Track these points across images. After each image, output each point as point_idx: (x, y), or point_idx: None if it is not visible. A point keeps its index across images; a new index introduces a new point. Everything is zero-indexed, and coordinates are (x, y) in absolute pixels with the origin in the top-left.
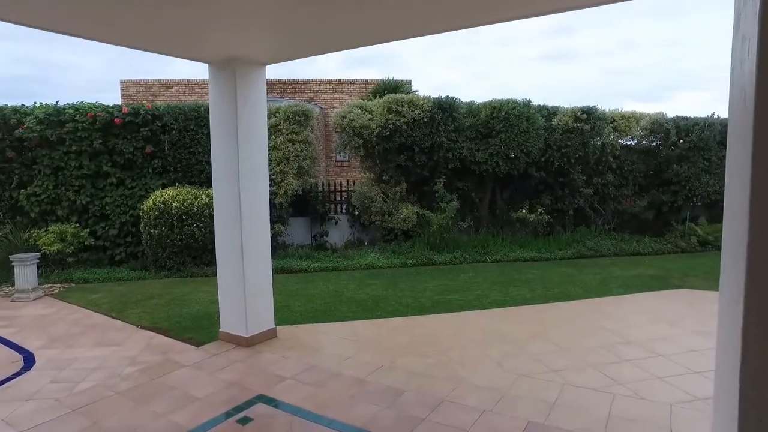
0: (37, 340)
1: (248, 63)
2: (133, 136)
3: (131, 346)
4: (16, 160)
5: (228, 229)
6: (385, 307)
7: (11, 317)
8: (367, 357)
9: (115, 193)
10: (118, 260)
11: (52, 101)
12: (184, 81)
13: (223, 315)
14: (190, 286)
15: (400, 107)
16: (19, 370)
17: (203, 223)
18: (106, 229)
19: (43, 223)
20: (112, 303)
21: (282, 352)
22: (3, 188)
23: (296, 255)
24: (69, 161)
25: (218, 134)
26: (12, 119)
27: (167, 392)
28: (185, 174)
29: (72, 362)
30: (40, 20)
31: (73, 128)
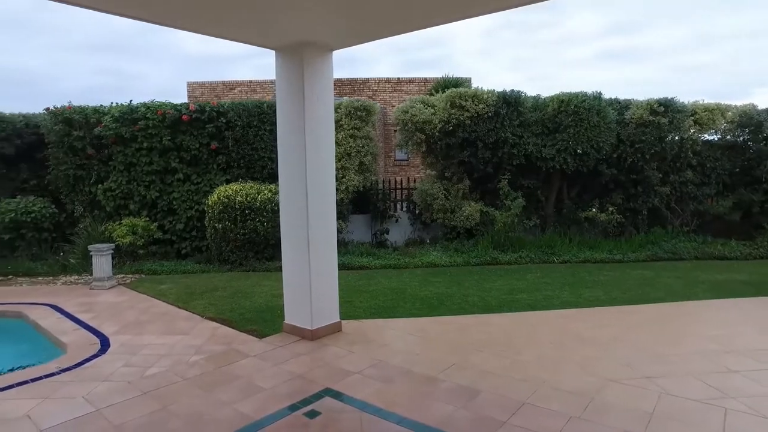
0: (111, 325)
1: (316, 48)
2: (199, 132)
3: (197, 336)
4: (94, 157)
5: (294, 221)
6: (450, 305)
7: (90, 303)
8: (436, 354)
9: (182, 189)
10: (183, 253)
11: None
12: (246, 81)
13: (287, 307)
14: (252, 279)
15: (464, 101)
16: (96, 353)
17: (265, 218)
18: (173, 224)
19: (118, 216)
20: (178, 294)
21: (348, 347)
22: (84, 184)
23: (357, 252)
24: (140, 158)
25: (285, 124)
26: (92, 118)
27: (232, 381)
28: (248, 170)
29: (142, 348)
30: (112, 5)
31: (145, 126)
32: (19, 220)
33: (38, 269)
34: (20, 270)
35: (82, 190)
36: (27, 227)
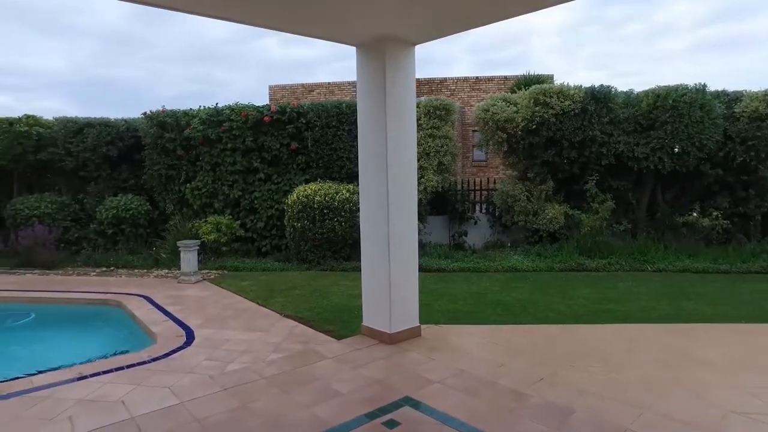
0: (196, 319)
1: (398, 43)
2: (280, 133)
3: (275, 333)
4: (184, 157)
5: (374, 221)
6: (535, 312)
7: (177, 296)
8: (522, 366)
9: (263, 188)
10: (264, 251)
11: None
12: (325, 84)
13: (366, 309)
14: (329, 279)
15: (548, 98)
16: (182, 345)
17: (343, 217)
18: (254, 222)
19: (204, 214)
20: (258, 291)
21: (428, 353)
22: (174, 183)
23: (434, 254)
24: (225, 158)
25: (366, 121)
26: (182, 121)
27: (310, 383)
28: (327, 169)
29: (224, 343)
30: (209, 8)
31: (229, 127)
32: (120, 216)
33: (134, 262)
34: (120, 262)
35: (173, 188)
36: (126, 223)
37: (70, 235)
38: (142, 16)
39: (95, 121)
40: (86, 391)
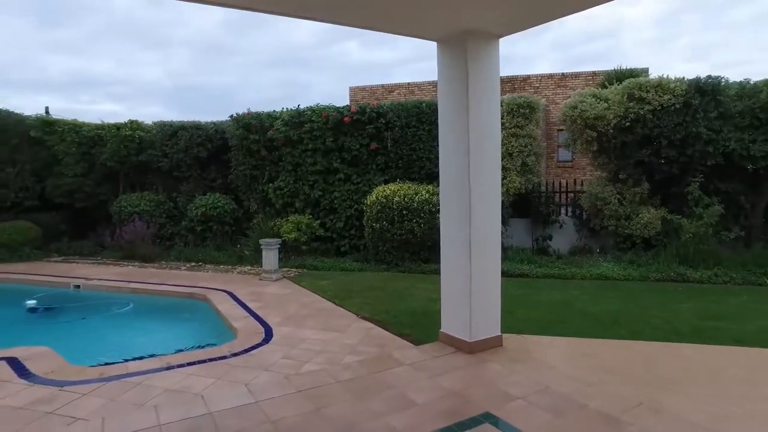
0: (275, 316)
1: (480, 36)
2: (359, 133)
3: (351, 335)
4: (267, 158)
5: (455, 222)
6: (629, 326)
7: (258, 293)
8: (616, 387)
9: (343, 188)
10: (342, 251)
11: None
12: (404, 84)
13: (444, 315)
14: (407, 281)
15: (645, 93)
16: (261, 342)
17: (422, 219)
18: (334, 222)
19: (285, 213)
20: (336, 291)
21: (510, 365)
22: (258, 182)
23: (516, 258)
24: (306, 158)
25: (447, 119)
26: (266, 122)
27: (385, 390)
28: (406, 170)
29: (301, 342)
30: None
31: (310, 128)
32: (208, 214)
33: (220, 258)
34: (207, 258)
35: (257, 188)
36: (213, 221)
37: (164, 231)
38: (233, 25)
39: (188, 124)
40: (172, 381)
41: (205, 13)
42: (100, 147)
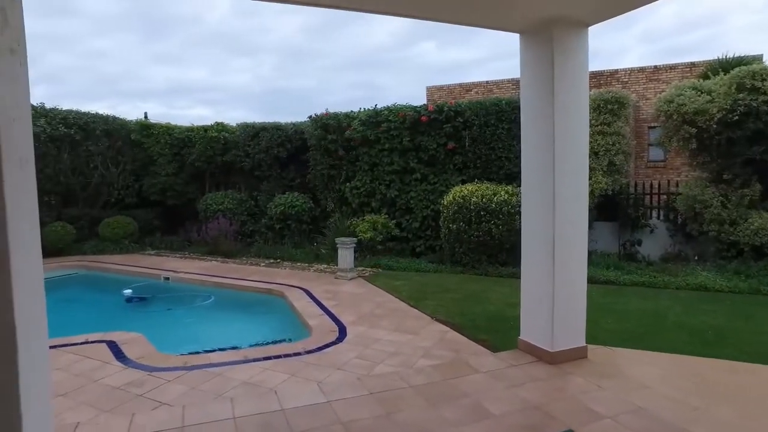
0: (349, 315)
1: (568, 25)
2: (437, 133)
3: (425, 337)
4: (344, 157)
5: (537, 225)
6: (737, 344)
7: (333, 291)
8: (726, 414)
9: (419, 188)
10: (418, 252)
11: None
12: (482, 83)
13: (524, 322)
14: (484, 284)
15: (760, 82)
16: (334, 340)
17: (501, 220)
18: (409, 222)
19: (361, 213)
20: (411, 291)
21: (596, 380)
22: (335, 182)
23: (601, 263)
24: (383, 158)
25: (530, 115)
26: (343, 122)
27: (460, 398)
28: (484, 170)
29: (374, 342)
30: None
31: (387, 128)
32: (286, 212)
33: (297, 256)
34: (285, 255)
35: (334, 187)
36: (292, 219)
37: (246, 228)
38: (314, 30)
39: (268, 125)
40: (249, 375)
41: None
42: (189, 148)
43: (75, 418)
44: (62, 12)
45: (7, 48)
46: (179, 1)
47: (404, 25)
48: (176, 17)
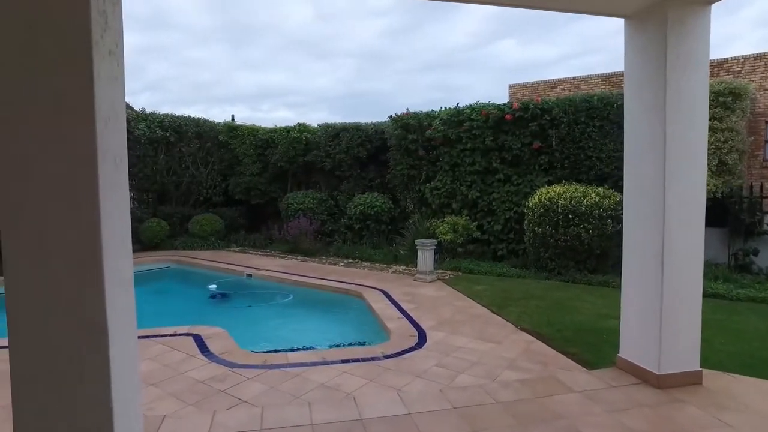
0: (428, 320)
1: (685, 3)
2: (522, 132)
3: (510, 347)
4: (424, 158)
5: (643, 231)
6: None
7: (412, 294)
8: None
9: (502, 190)
10: (499, 255)
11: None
12: (569, 79)
13: (624, 337)
14: (571, 291)
15: None
16: (414, 346)
17: (591, 224)
18: (491, 224)
19: (441, 214)
20: (493, 297)
21: (714, 411)
22: (414, 182)
23: (708, 274)
24: (464, 158)
25: (636, 111)
26: (424, 122)
27: (553, 420)
28: (572, 170)
29: (455, 350)
30: None
31: (469, 127)
32: (366, 213)
33: (376, 256)
34: (364, 255)
35: (413, 188)
36: (371, 219)
37: (325, 227)
38: (393, 32)
39: (349, 125)
40: (326, 377)
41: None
42: (273, 148)
43: (163, 409)
44: (163, 25)
45: (107, 50)
46: (265, 10)
47: (483, 23)
48: (262, 26)
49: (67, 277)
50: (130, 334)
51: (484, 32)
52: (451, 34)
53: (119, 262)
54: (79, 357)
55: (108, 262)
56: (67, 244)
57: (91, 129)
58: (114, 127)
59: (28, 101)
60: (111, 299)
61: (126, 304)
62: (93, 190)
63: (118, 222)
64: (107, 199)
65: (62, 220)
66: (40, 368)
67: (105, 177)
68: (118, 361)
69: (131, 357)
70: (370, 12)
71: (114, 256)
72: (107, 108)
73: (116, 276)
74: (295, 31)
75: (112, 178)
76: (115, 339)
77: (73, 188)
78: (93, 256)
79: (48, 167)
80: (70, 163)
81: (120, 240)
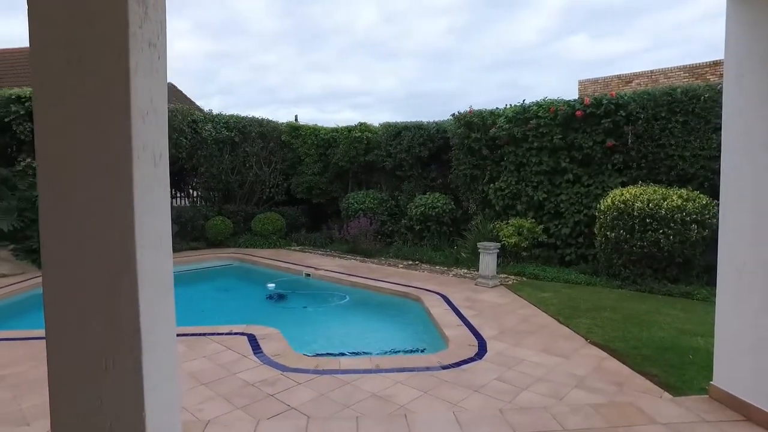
0: (490, 329)
1: None
2: (593, 129)
3: (578, 363)
4: (488, 157)
5: (745, 244)
6: None
7: (473, 300)
8: None
9: (571, 191)
10: (567, 260)
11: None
12: (646, 73)
13: (720, 363)
14: (648, 303)
15: None
16: (473, 356)
17: (672, 229)
18: (558, 227)
19: (505, 216)
20: (560, 306)
21: None
22: (477, 183)
23: None
24: (530, 157)
25: (739, 102)
26: (488, 120)
27: None
28: (650, 171)
29: (517, 363)
30: None
31: (536, 124)
32: (426, 213)
33: (436, 259)
34: (424, 257)
35: (476, 188)
36: (432, 220)
37: (385, 228)
38: (459, 31)
39: (410, 124)
40: (379, 387)
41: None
42: (334, 148)
43: (210, 412)
44: (235, 32)
45: (146, 41)
46: (332, 12)
47: (553, 18)
48: (330, 28)
49: (99, 279)
50: (167, 338)
51: (554, 28)
52: (519, 31)
53: (157, 264)
54: (113, 361)
55: (143, 264)
56: (100, 245)
57: (126, 123)
58: (153, 121)
59: (62, 94)
60: (146, 303)
61: (164, 307)
62: (127, 188)
63: (158, 221)
64: (144, 197)
65: (96, 220)
66: (74, 372)
67: (141, 174)
68: (152, 365)
69: (168, 362)
70: (435, 10)
71: (151, 257)
72: (144, 102)
73: (153, 278)
74: (361, 33)
75: (151, 175)
76: (151, 343)
77: (106, 185)
78: (126, 257)
79: (81, 164)
80: (104, 159)
81: (158, 240)
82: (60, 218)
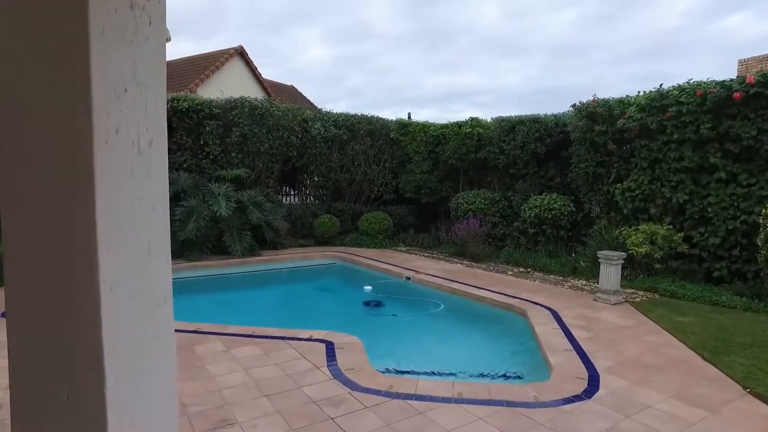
0: (606, 357)
1: None
2: (757, 115)
3: (731, 421)
4: (615, 153)
5: None
6: None
7: (589, 318)
8: None
9: (723, 192)
10: (716, 276)
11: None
12: None
13: None
14: None
15: None
16: (580, 394)
17: None
18: (705, 236)
19: (635, 220)
20: (704, 335)
21: None
22: (602, 182)
23: None
24: (668, 152)
25: None
26: (615, 110)
27: None
28: None
29: (640, 411)
30: None
31: (676, 112)
32: (542, 216)
33: (551, 266)
34: (537, 264)
35: (600, 188)
36: (547, 224)
37: (496, 230)
38: (590, 22)
39: (525, 118)
40: (455, 422)
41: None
42: (443, 145)
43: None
44: (362, 36)
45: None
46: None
47: None
48: (453, 28)
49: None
50: (155, 363)
51: (704, 9)
52: (660, 17)
53: (142, 274)
54: (73, 390)
55: (117, 275)
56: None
57: (85, 100)
58: (136, 100)
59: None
60: (118, 323)
61: (152, 326)
62: (88, 181)
63: (143, 220)
64: (118, 191)
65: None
66: (35, 402)
67: (112, 163)
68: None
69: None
70: (562, 1)
71: (130, 265)
72: (119, 74)
73: (133, 292)
74: (486, 30)
75: (130, 165)
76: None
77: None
78: (87, 267)
79: (32, 153)
80: (60, 145)
81: (144, 244)
82: (15, 221)
